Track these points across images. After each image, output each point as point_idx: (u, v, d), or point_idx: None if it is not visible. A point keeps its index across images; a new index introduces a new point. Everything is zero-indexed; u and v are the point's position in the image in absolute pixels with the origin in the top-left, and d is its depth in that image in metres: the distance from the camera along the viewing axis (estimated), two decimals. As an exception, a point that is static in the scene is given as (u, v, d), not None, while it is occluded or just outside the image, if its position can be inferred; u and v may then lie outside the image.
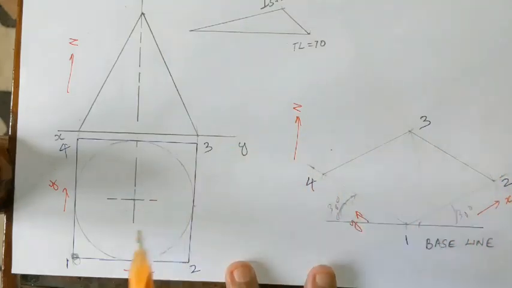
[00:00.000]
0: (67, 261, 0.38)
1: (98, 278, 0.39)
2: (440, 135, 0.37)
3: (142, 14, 0.37)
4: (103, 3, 0.37)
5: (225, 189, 0.38)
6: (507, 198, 0.37)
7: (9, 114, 0.38)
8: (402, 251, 0.38)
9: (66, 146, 0.38)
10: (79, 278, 0.39)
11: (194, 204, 0.38)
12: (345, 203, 0.38)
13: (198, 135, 0.38)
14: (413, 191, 0.37)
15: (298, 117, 0.38)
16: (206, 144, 0.38)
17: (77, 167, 0.38)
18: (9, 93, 0.38)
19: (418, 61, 0.37)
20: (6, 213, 0.38)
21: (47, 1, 0.37)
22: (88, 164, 0.38)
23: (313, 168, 0.38)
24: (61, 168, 0.38)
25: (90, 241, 0.38)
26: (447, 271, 0.38)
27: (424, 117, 0.37)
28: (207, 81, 0.38)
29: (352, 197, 0.38)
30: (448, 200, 0.37)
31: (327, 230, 0.38)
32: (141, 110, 0.38)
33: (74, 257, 0.38)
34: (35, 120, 0.38)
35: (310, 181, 0.38)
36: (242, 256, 0.38)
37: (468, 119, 0.37)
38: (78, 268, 0.38)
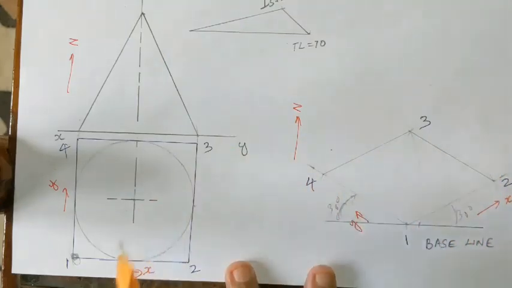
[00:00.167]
0: (67, 261, 0.38)
1: (97, 278, 0.39)
2: (440, 135, 0.37)
3: (142, 14, 0.37)
4: (103, 3, 0.37)
5: (225, 189, 0.38)
6: (507, 198, 0.37)
7: (9, 114, 0.38)
8: (402, 251, 0.38)
9: (66, 146, 0.38)
10: (79, 278, 0.39)
11: (194, 204, 0.38)
12: (345, 203, 0.38)
13: (198, 135, 0.38)
14: (413, 191, 0.37)
15: (298, 117, 0.38)
16: (206, 144, 0.38)
17: (77, 167, 0.38)
18: (9, 93, 0.38)
19: (418, 61, 0.37)
20: (6, 213, 0.38)
21: (47, 1, 0.37)
22: (88, 164, 0.38)
23: (313, 168, 0.38)
24: (61, 168, 0.38)
25: (90, 241, 0.38)
26: (447, 271, 0.38)
27: (424, 117, 0.37)
28: (207, 81, 0.38)
29: (352, 197, 0.38)
30: (448, 200, 0.37)
31: (327, 230, 0.38)
32: (141, 110, 0.38)
33: (74, 257, 0.38)
34: (35, 120, 0.38)
35: (310, 181, 0.38)
36: (242, 256, 0.38)
37: (468, 119, 0.37)
38: (78, 268, 0.38)
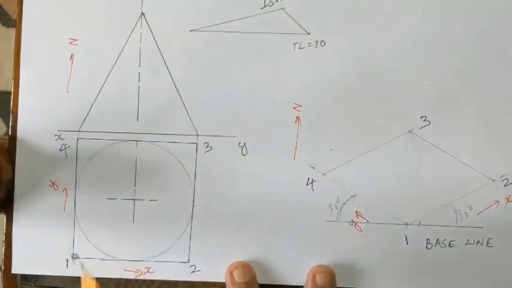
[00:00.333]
0: (67, 261, 0.38)
1: (97, 278, 0.39)
2: (440, 135, 0.37)
3: (142, 14, 0.37)
4: (103, 3, 0.37)
5: (225, 189, 0.38)
6: (507, 198, 0.37)
7: (9, 114, 0.38)
8: (402, 251, 0.38)
9: (66, 146, 0.38)
10: (79, 278, 0.39)
11: (194, 204, 0.38)
12: (345, 203, 0.38)
13: (198, 135, 0.38)
14: (413, 191, 0.37)
15: (298, 117, 0.38)
16: (206, 144, 0.38)
17: (77, 167, 0.38)
18: (9, 93, 0.38)
19: (418, 61, 0.37)
20: (6, 213, 0.38)
21: (47, 1, 0.37)
22: (88, 164, 0.38)
23: (313, 168, 0.38)
24: (61, 168, 0.38)
25: (90, 241, 0.38)
26: (447, 271, 0.38)
27: (424, 117, 0.37)
28: (207, 81, 0.38)
29: (352, 197, 0.38)
30: (448, 200, 0.37)
31: (327, 230, 0.38)
32: (141, 110, 0.38)
33: (74, 257, 0.38)
34: (35, 120, 0.38)
35: (310, 181, 0.38)
36: (242, 256, 0.38)
37: (468, 119, 0.37)
38: (78, 268, 0.38)
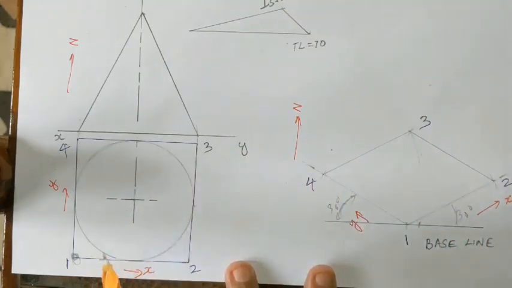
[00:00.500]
0: (67, 261, 0.38)
1: (97, 278, 0.39)
2: (440, 135, 0.37)
3: (142, 14, 0.37)
4: (103, 3, 0.37)
5: (225, 189, 0.38)
6: (507, 198, 0.37)
7: (9, 114, 0.38)
8: (402, 251, 0.38)
9: (66, 146, 0.38)
10: (79, 278, 0.39)
11: (194, 204, 0.38)
12: (344, 203, 0.38)
13: (198, 135, 0.38)
14: (413, 191, 0.37)
15: (298, 117, 0.38)
16: (206, 144, 0.38)
17: (77, 167, 0.38)
18: (9, 93, 0.38)
19: (418, 61, 0.37)
20: (6, 213, 0.38)
21: (47, 1, 0.37)
22: (88, 164, 0.38)
23: (313, 168, 0.38)
24: (61, 168, 0.38)
25: (90, 241, 0.38)
26: (447, 271, 0.38)
27: (424, 117, 0.37)
28: (207, 81, 0.38)
29: (352, 197, 0.38)
30: (448, 200, 0.37)
31: (327, 229, 0.38)
32: (141, 110, 0.38)
33: (74, 257, 0.38)
34: (35, 120, 0.38)
35: (310, 181, 0.38)
36: (242, 256, 0.38)
37: (468, 119, 0.37)
38: (78, 268, 0.38)
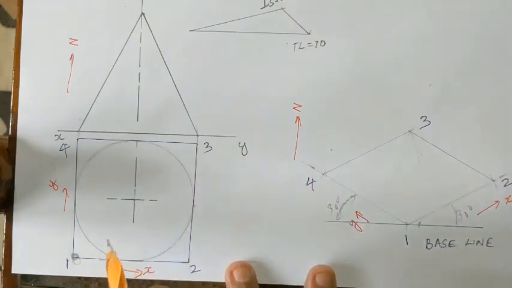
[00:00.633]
0: (67, 261, 0.38)
1: (97, 278, 0.39)
2: (440, 135, 0.37)
3: (142, 14, 0.37)
4: (103, 3, 0.37)
5: (225, 189, 0.38)
6: (507, 198, 0.37)
7: (9, 114, 0.38)
8: (402, 251, 0.38)
9: (66, 146, 0.38)
10: (79, 278, 0.39)
11: (194, 204, 0.38)
12: (344, 203, 0.38)
13: (198, 135, 0.38)
14: (413, 191, 0.37)
15: (298, 117, 0.38)
16: (206, 144, 0.38)
17: (77, 167, 0.38)
18: (9, 93, 0.38)
19: (418, 61, 0.37)
20: (6, 213, 0.38)
21: (47, 1, 0.37)
22: (88, 164, 0.38)
23: (313, 168, 0.38)
24: (61, 168, 0.38)
25: (90, 241, 0.38)
26: (447, 271, 0.38)
27: (424, 117, 0.37)
28: (207, 81, 0.38)
29: (352, 197, 0.38)
30: (448, 200, 0.37)
31: (327, 229, 0.38)
32: (141, 110, 0.38)
33: (74, 257, 0.38)
34: (35, 120, 0.38)
35: (310, 181, 0.38)
36: (242, 256, 0.38)
37: (468, 119, 0.37)
38: (78, 268, 0.38)
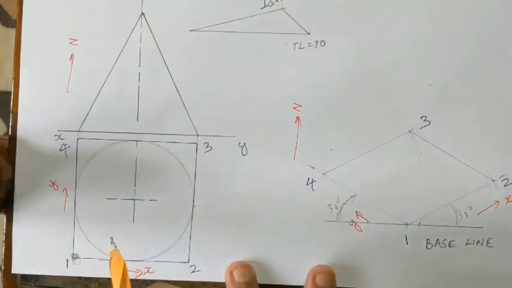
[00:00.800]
0: (67, 261, 0.38)
1: (97, 278, 0.39)
2: (440, 135, 0.37)
3: (142, 14, 0.37)
4: (103, 3, 0.37)
5: (225, 189, 0.38)
6: (507, 198, 0.37)
7: (9, 114, 0.38)
8: (402, 251, 0.38)
9: (66, 146, 0.38)
10: (79, 278, 0.39)
11: (194, 204, 0.38)
12: (345, 203, 0.38)
13: (198, 135, 0.38)
14: (413, 191, 0.37)
15: (298, 117, 0.38)
16: (206, 144, 0.38)
17: (77, 167, 0.38)
18: (9, 93, 0.38)
19: (418, 61, 0.37)
20: (6, 213, 0.38)
21: (47, 1, 0.37)
22: (88, 164, 0.38)
23: (313, 168, 0.38)
24: (61, 168, 0.38)
25: (90, 241, 0.38)
26: (447, 271, 0.38)
27: (424, 117, 0.37)
28: (207, 81, 0.38)
29: (352, 197, 0.38)
30: (448, 200, 0.37)
31: (327, 229, 0.38)
32: (141, 110, 0.38)
33: (74, 257, 0.38)
34: (35, 120, 0.38)
35: (310, 181, 0.38)
36: (242, 256, 0.38)
37: (468, 119, 0.37)
38: (78, 268, 0.38)
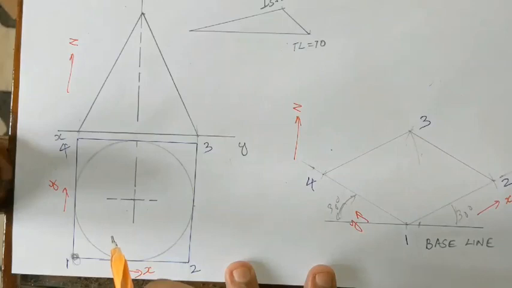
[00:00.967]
0: (67, 261, 0.38)
1: (97, 278, 0.39)
2: (440, 135, 0.37)
3: (142, 14, 0.37)
4: (103, 3, 0.37)
5: (225, 189, 0.38)
6: (507, 198, 0.37)
7: (9, 114, 0.38)
8: (402, 251, 0.38)
9: (66, 146, 0.38)
10: (79, 278, 0.39)
11: (194, 204, 0.38)
12: (345, 203, 0.38)
13: (198, 135, 0.38)
14: (413, 191, 0.37)
15: (298, 117, 0.38)
16: (206, 144, 0.38)
17: (77, 167, 0.38)
18: (9, 93, 0.38)
19: (418, 61, 0.37)
20: (6, 213, 0.38)
21: (47, 1, 0.37)
22: (88, 164, 0.38)
23: (313, 168, 0.38)
24: (61, 168, 0.38)
25: (90, 241, 0.38)
26: (447, 271, 0.38)
27: (424, 117, 0.37)
28: (207, 81, 0.38)
29: (352, 197, 0.38)
30: (448, 200, 0.37)
31: (327, 230, 0.38)
32: (141, 110, 0.38)
33: (74, 257, 0.38)
34: (35, 120, 0.38)
35: (310, 181, 0.38)
36: (242, 256, 0.38)
37: (468, 119, 0.37)
38: (78, 268, 0.38)
